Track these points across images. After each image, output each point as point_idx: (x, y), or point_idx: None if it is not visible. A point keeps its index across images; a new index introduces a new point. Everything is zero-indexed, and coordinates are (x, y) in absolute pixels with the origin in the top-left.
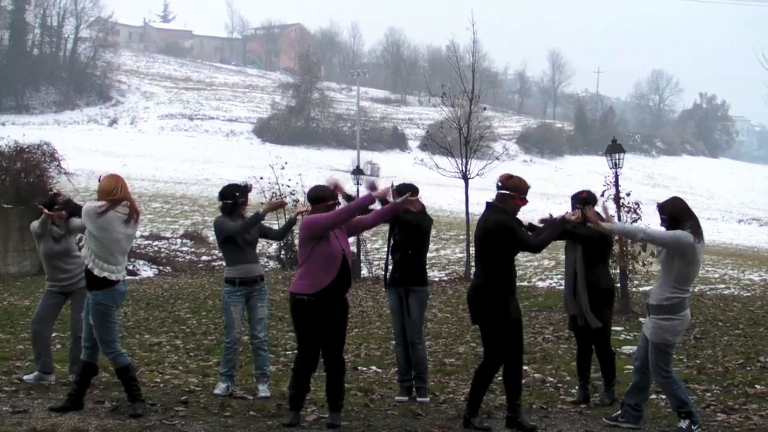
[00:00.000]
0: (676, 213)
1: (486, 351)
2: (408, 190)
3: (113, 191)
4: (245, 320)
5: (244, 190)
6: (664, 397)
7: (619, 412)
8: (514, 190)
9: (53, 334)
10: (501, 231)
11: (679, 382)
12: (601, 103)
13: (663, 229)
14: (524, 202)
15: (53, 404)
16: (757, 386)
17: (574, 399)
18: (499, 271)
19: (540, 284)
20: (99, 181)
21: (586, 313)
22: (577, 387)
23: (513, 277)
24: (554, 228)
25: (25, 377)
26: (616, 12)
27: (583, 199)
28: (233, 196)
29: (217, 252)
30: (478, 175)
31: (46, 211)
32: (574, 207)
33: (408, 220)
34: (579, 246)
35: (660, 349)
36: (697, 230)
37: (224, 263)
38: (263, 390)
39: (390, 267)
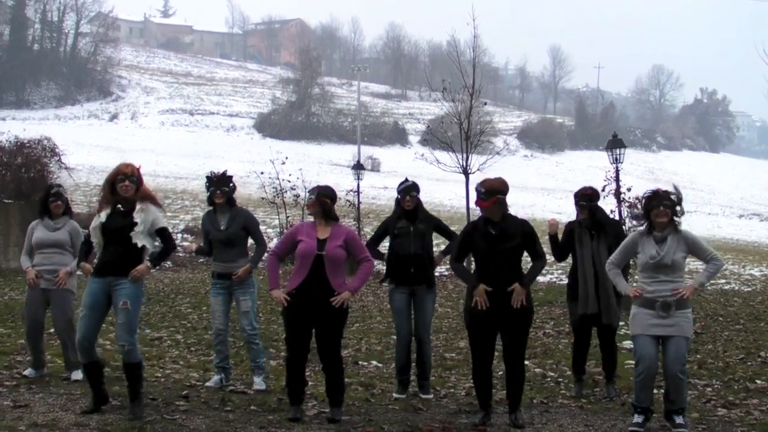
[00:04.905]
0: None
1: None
2: (412, 189)
3: None
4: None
5: (210, 179)
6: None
7: (680, 421)
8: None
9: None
10: None
11: None
12: (601, 98)
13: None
14: (484, 203)
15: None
16: (758, 381)
17: (573, 394)
18: (476, 269)
19: (540, 279)
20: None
21: (610, 309)
22: (574, 381)
23: (491, 274)
24: (466, 276)
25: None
26: (616, 7)
27: (588, 197)
28: (207, 187)
29: None
30: (478, 170)
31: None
32: (578, 205)
33: (427, 214)
34: (600, 243)
35: (688, 343)
36: None
37: None
38: (258, 382)
39: (396, 265)
